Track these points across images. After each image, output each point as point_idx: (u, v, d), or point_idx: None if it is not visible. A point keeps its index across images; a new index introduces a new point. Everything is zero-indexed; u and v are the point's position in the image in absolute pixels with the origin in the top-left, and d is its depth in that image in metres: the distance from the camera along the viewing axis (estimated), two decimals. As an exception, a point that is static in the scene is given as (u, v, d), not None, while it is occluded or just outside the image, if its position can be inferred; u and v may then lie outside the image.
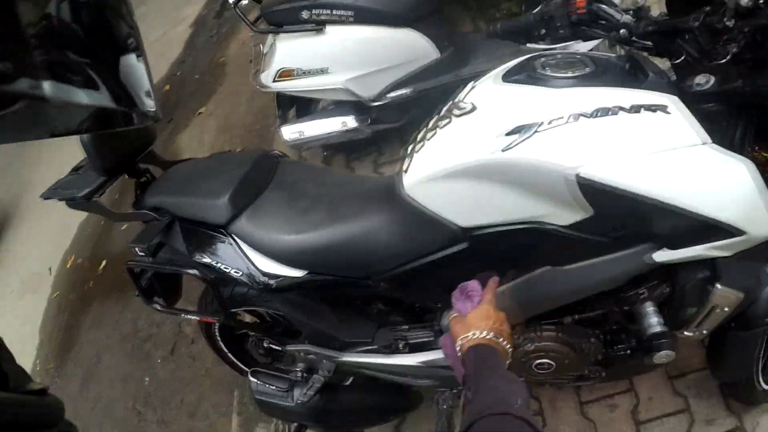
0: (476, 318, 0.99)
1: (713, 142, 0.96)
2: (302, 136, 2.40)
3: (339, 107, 2.45)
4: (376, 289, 1.30)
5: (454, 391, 1.50)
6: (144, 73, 0.57)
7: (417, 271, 1.22)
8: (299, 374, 1.46)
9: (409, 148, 1.22)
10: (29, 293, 3.23)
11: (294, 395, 1.44)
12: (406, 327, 1.46)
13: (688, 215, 0.97)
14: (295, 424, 1.52)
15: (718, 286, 1.11)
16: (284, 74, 2.22)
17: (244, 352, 1.93)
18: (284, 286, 1.28)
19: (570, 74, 1.05)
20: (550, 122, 0.98)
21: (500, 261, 1.18)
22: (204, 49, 4.44)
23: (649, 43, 1.09)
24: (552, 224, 1.08)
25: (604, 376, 1.49)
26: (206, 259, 1.33)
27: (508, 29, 1.32)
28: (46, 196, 1.41)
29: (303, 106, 2.56)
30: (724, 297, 1.12)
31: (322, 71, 2.20)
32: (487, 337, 0.96)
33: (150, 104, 0.58)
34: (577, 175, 0.96)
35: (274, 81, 2.27)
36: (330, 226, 1.24)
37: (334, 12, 2.08)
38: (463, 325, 1.00)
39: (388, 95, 2.30)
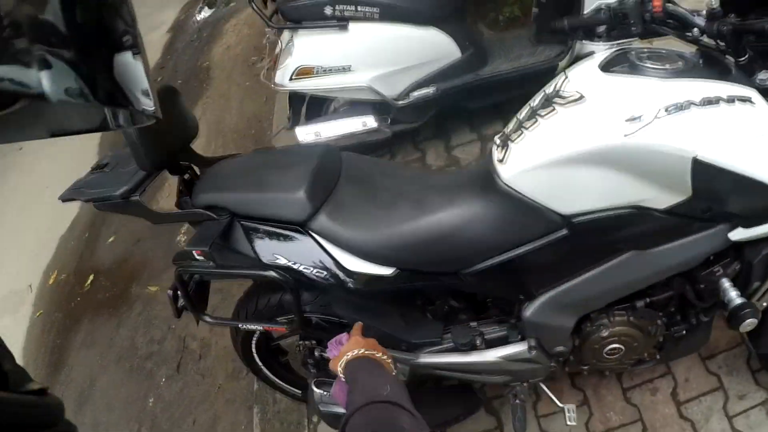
0: (348, 347, 1.06)
1: None
2: (319, 137, 2.35)
3: (356, 107, 2.42)
4: (462, 285, 1.29)
5: (526, 384, 1.52)
6: (143, 71, 0.56)
7: (510, 263, 1.22)
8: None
9: (499, 141, 1.23)
10: (8, 314, 2.96)
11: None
12: (478, 323, 1.46)
13: None
14: None
15: None
16: (303, 72, 2.17)
17: (279, 366, 1.87)
18: (372, 284, 1.25)
19: (669, 67, 1.10)
20: (666, 109, 1.01)
21: (595, 247, 1.21)
22: (185, 54, 4.27)
23: (714, 42, 1.16)
24: (651, 208, 1.12)
25: (659, 358, 1.56)
26: (282, 260, 1.26)
27: (574, 24, 1.37)
28: (67, 197, 1.27)
29: (313, 107, 2.51)
30: None
31: (345, 69, 2.17)
32: (360, 352, 1.02)
33: (149, 103, 0.57)
34: (694, 158, 1.01)
35: (290, 80, 2.21)
36: (420, 219, 1.22)
37: (359, 8, 2.06)
38: (340, 357, 1.05)
39: (412, 94, 2.29)
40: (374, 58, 2.16)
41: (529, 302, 1.33)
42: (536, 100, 1.21)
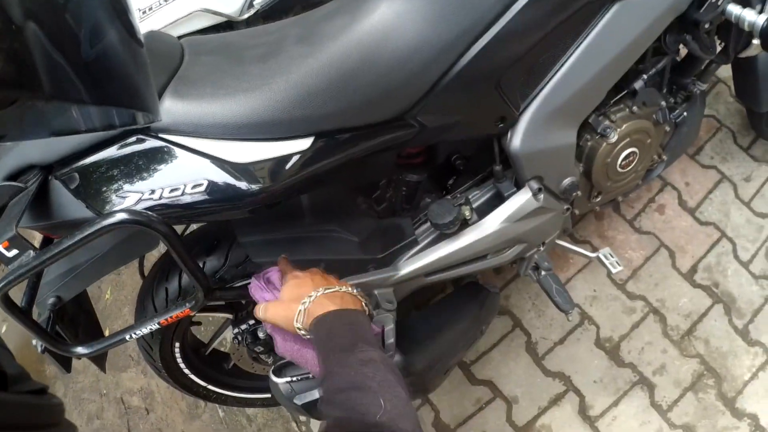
0: (294, 287, 0.76)
1: None
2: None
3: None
4: (415, 139, 0.88)
5: (542, 248, 1.16)
6: (143, 71, 0.55)
7: (472, 68, 0.82)
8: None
9: None
10: None
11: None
12: (455, 195, 1.07)
13: None
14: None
15: None
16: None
17: (227, 375, 1.38)
18: (283, 176, 0.79)
19: None
20: None
21: (574, 11, 0.85)
22: None
23: None
24: None
25: (665, 159, 1.27)
26: (132, 197, 0.74)
27: None
28: None
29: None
30: None
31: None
32: (330, 291, 0.73)
33: (149, 104, 0.56)
34: None
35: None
36: (320, 55, 0.78)
37: None
38: (285, 304, 0.74)
39: (255, 3, 1.82)
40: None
41: (513, 128, 0.95)
42: None
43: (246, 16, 1.84)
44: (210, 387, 1.33)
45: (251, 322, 1.11)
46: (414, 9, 0.78)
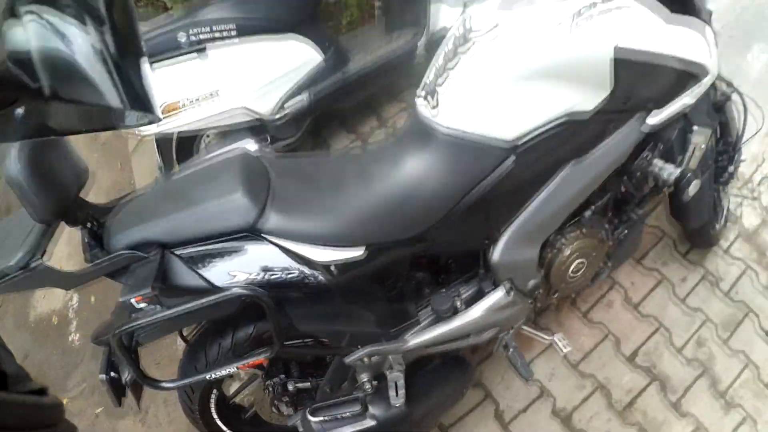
0: None
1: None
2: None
3: (230, 137, 2.25)
4: (432, 247, 1.22)
5: (511, 331, 1.48)
6: (143, 73, 0.56)
7: (471, 206, 1.18)
8: (368, 386, 1.28)
9: (423, 93, 1.19)
10: None
11: (370, 413, 1.26)
12: (449, 289, 1.40)
13: (678, 62, 1.17)
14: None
15: (695, 127, 1.36)
16: (169, 109, 1.96)
17: (247, 424, 1.64)
18: (345, 270, 1.12)
19: None
20: (579, 14, 1.05)
21: (541, 168, 1.22)
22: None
23: None
24: (580, 111, 1.15)
25: (610, 266, 1.63)
26: (241, 276, 1.06)
27: None
28: None
29: (184, 149, 2.29)
30: (700, 135, 1.37)
31: (213, 95, 2.00)
32: None
33: (149, 105, 0.56)
34: (615, 47, 1.07)
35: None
36: (373, 190, 1.13)
37: (215, 28, 1.92)
38: None
39: (286, 105, 2.20)
40: (241, 77, 2.03)
41: (494, 245, 1.30)
42: (447, 48, 1.18)
43: (277, 116, 2.22)
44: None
45: (282, 375, 1.39)
46: (434, 166, 1.15)
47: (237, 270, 1.06)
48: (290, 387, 1.41)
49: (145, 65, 0.56)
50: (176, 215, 1.05)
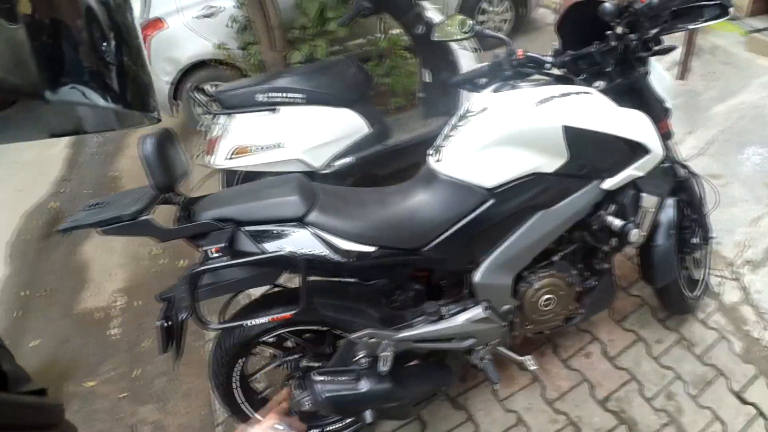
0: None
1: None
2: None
3: (286, 182, 2.78)
4: (425, 261, 1.60)
5: (488, 346, 1.79)
6: (143, 74, 0.58)
7: (457, 234, 1.57)
8: (364, 361, 1.62)
9: (433, 151, 1.66)
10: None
11: (362, 383, 1.59)
12: (441, 302, 1.75)
13: (623, 141, 1.57)
14: (369, 411, 1.61)
15: (643, 194, 1.72)
16: (240, 151, 2.51)
17: (259, 404, 1.95)
18: (360, 259, 1.49)
19: (536, 83, 1.63)
20: (540, 102, 1.51)
21: (515, 211, 1.60)
22: (89, 166, 4.43)
23: (561, 70, 1.73)
24: (544, 172, 1.56)
25: (583, 313, 1.93)
26: (288, 249, 1.44)
27: (463, 79, 1.90)
28: (68, 227, 1.28)
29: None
30: (649, 201, 1.72)
31: (277, 146, 2.54)
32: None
33: (149, 105, 0.58)
34: (563, 126, 1.50)
35: (228, 158, 2.54)
36: (388, 210, 1.56)
37: (287, 95, 2.51)
38: None
39: (334, 164, 2.71)
40: (302, 135, 2.58)
41: (476, 269, 1.67)
42: (452, 122, 1.67)
43: (326, 171, 2.72)
44: (247, 408, 1.89)
45: (298, 355, 1.74)
46: (434, 199, 1.57)
47: (285, 246, 1.47)
48: (301, 364, 1.76)
49: (144, 65, 0.56)
50: (248, 204, 1.49)
